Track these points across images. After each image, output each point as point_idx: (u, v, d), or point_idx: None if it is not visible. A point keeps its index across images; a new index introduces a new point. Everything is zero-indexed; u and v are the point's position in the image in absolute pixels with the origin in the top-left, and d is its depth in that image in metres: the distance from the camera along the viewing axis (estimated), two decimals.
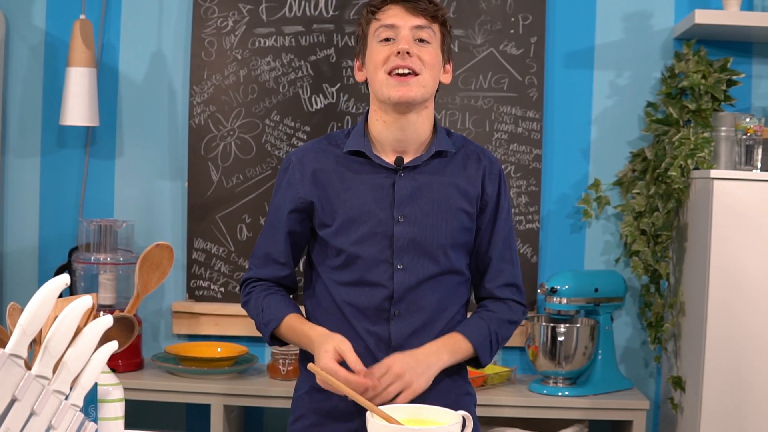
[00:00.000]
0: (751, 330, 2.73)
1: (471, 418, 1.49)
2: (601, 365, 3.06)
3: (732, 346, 2.74)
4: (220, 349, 3.20)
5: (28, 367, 1.23)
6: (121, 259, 3.19)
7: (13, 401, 1.20)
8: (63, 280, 1.24)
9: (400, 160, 1.98)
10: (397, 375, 1.86)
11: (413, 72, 1.91)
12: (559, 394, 2.98)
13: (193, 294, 3.33)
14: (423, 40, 1.94)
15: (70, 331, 1.25)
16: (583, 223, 3.28)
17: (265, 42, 3.28)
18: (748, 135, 2.82)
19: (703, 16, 2.95)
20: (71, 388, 1.28)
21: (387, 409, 1.48)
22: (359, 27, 2.02)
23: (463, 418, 1.47)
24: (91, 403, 1.49)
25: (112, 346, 1.34)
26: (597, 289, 3.04)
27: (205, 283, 3.33)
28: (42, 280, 3.28)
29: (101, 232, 3.18)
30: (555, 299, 2.99)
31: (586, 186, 3.27)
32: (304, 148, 2.07)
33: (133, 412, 2.18)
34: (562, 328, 2.98)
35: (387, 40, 1.94)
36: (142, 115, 3.36)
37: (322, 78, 3.28)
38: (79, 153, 3.37)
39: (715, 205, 2.73)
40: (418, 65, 1.92)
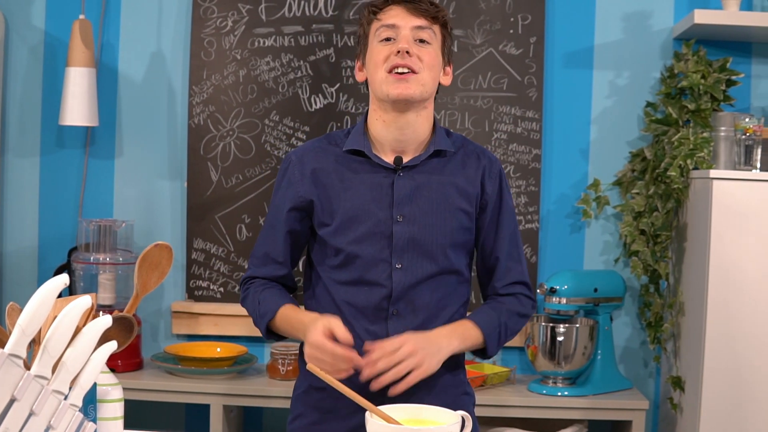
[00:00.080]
0: (750, 330, 2.73)
1: (470, 418, 1.49)
2: (600, 365, 3.06)
3: (731, 345, 2.74)
4: (219, 349, 3.20)
5: (28, 367, 1.23)
6: (121, 259, 3.19)
7: (13, 401, 1.20)
8: (62, 280, 1.24)
9: (399, 159, 1.98)
10: (409, 353, 1.85)
11: (412, 71, 1.91)
12: (559, 394, 2.98)
13: (193, 294, 3.34)
14: (423, 41, 1.94)
15: (69, 331, 1.25)
16: (583, 223, 3.28)
17: (264, 42, 3.28)
18: (748, 135, 2.82)
19: (703, 16, 2.95)
20: (70, 388, 1.28)
21: (386, 409, 1.48)
22: (360, 27, 2.03)
23: (462, 418, 1.47)
24: (90, 403, 1.49)
25: (111, 346, 1.34)
26: (596, 289, 3.04)
27: (204, 283, 3.33)
28: (41, 280, 3.28)
29: (100, 232, 3.18)
30: (554, 299, 2.99)
31: (586, 186, 3.27)
32: (304, 148, 2.07)
33: (132, 412, 2.18)
34: (561, 328, 2.98)
35: (387, 40, 1.94)
36: (142, 115, 3.36)
37: (322, 78, 3.28)
38: (79, 153, 3.37)
39: (714, 205, 2.73)
40: (417, 65, 1.92)
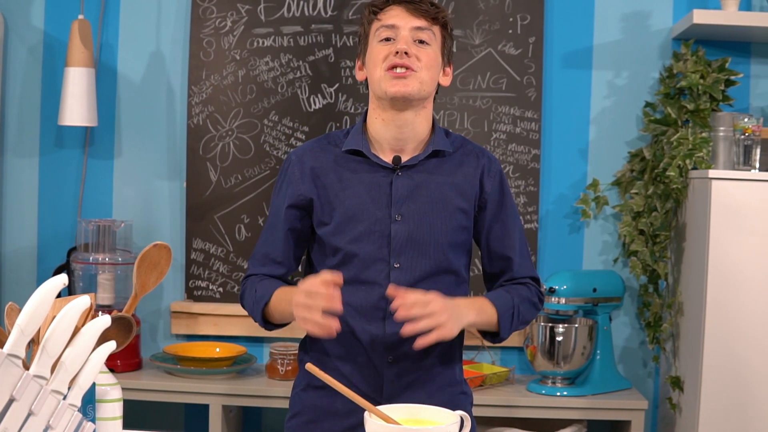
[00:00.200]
0: (749, 329, 2.73)
1: (469, 418, 1.49)
2: (599, 365, 3.06)
3: (730, 345, 2.74)
4: (218, 349, 3.20)
5: (26, 367, 1.23)
6: (120, 259, 3.19)
7: (12, 401, 1.20)
8: (61, 280, 1.24)
9: (397, 159, 1.98)
10: (439, 309, 1.82)
11: (410, 70, 1.92)
12: (558, 394, 2.98)
13: (192, 294, 3.34)
14: (423, 42, 1.94)
15: (68, 331, 1.25)
16: (582, 223, 3.28)
17: (263, 42, 3.28)
18: (747, 135, 2.83)
19: (702, 16, 2.95)
20: (69, 388, 1.28)
21: (385, 408, 1.48)
22: (361, 26, 2.03)
23: (461, 418, 1.47)
24: (89, 403, 1.49)
25: (110, 346, 1.34)
26: (595, 289, 3.04)
27: (203, 284, 3.33)
28: (40, 280, 3.28)
29: (100, 232, 3.19)
30: (553, 299, 2.99)
31: (585, 186, 3.27)
32: (304, 148, 2.07)
33: (131, 412, 2.18)
34: (560, 328, 2.98)
35: (387, 40, 1.94)
36: (141, 116, 3.36)
37: (321, 78, 3.28)
38: (78, 153, 3.37)
39: (713, 205, 2.73)
40: (416, 65, 1.92)
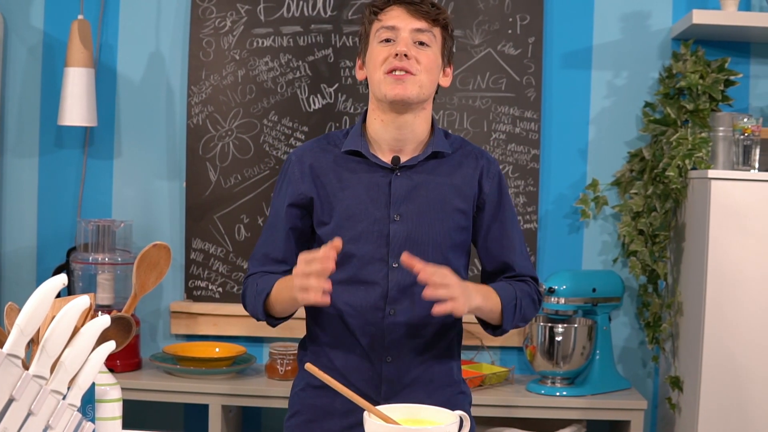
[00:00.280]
0: (748, 329, 2.73)
1: (468, 418, 1.49)
2: (598, 365, 3.07)
3: (729, 345, 2.74)
4: (218, 349, 3.20)
5: (26, 367, 1.23)
6: (119, 259, 3.19)
7: (11, 401, 1.20)
8: (60, 280, 1.24)
9: (396, 159, 1.98)
10: (452, 285, 1.82)
11: (409, 73, 1.92)
12: (557, 394, 2.99)
13: (191, 294, 3.34)
14: (423, 43, 1.94)
15: (67, 331, 1.25)
16: (581, 223, 3.28)
17: (263, 42, 3.29)
18: (746, 135, 2.83)
19: (701, 17, 2.95)
20: (69, 388, 1.28)
21: (384, 409, 1.48)
22: (361, 26, 2.03)
23: (461, 418, 1.47)
24: (88, 402, 1.49)
25: (110, 346, 1.34)
26: (595, 289, 3.04)
27: (203, 284, 3.33)
28: (40, 280, 3.28)
29: (99, 232, 3.19)
30: (553, 299, 2.99)
31: (584, 186, 3.27)
32: (303, 147, 2.07)
33: (131, 412, 2.18)
34: (559, 328, 2.98)
35: (387, 41, 1.94)
36: (140, 116, 3.36)
37: (320, 78, 3.28)
38: (77, 153, 3.37)
39: (712, 205, 2.73)
40: (415, 67, 1.92)
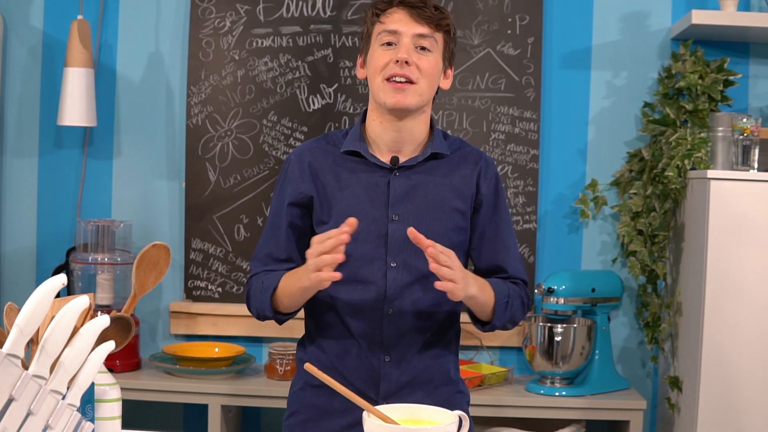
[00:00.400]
0: (747, 330, 2.73)
1: (467, 418, 1.49)
2: (598, 365, 3.07)
3: (728, 345, 2.74)
4: (217, 349, 3.20)
5: (26, 367, 1.23)
6: (119, 259, 3.19)
7: (11, 401, 1.20)
8: (60, 280, 1.24)
9: (395, 159, 1.99)
10: (455, 267, 1.83)
11: (410, 81, 1.92)
12: (556, 394, 2.99)
13: (191, 294, 3.34)
14: (424, 48, 1.94)
15: (67, 331, 1.25)
16: (581, 223, 3.29)
17: (262, 42, 3.29)
18: (745, 135, 2.83)
19: (700, 17, 2.96)
20: (68, 388, 1.28)
21: (383, 408, 1.48)
22: (364, 25, 2.02)
23: (460, 418, 1.47)
24: (88, 402, 1.49)
25: (109, 346, 1.34)
26: (594, 290, 3.04)
27: (202, 284, 3.33)
28: (39, 280, 3.28)
29: (99, 232, 3.19)
30: (552, 299, 2.99)
31: (583, 186, 3.27)
32: (303, 147, 2.08)
33: (130, 412, 2.18)
34: (559, 328, 2.99)
35: (389, 45, 1.94)
36: (140, 116, 3.36)
37: (320, 78, 3.28)
38: (77, 153, 3.37)
39: (711, 206, 2.73)
40: (415, 74, 1.92)
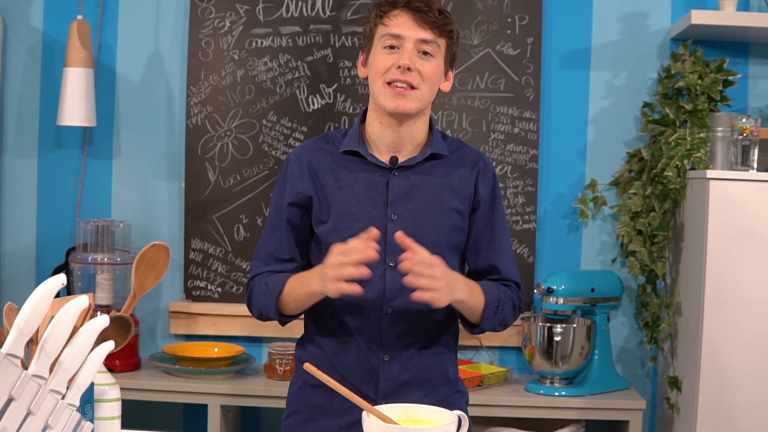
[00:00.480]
0: (746, 330, 2.73)
1: (467, 417, 1.49)
2: (597, 365, 3.07)
3: (728, 345, 2.74)
4: (217, 349, 3.20)
5: (25, 367, 1.23)
6: (119, 259, 3.19)
7: (10, 401, 1.20)
8: (59, 280, 1.24)
9: (394, 159, 1.99)
10: (439, 276, 1.84)
11: (411, 86, 1.92)
12: (556, 394, 2.99)
13: (190, 294, 3.34)
14: (427, 53, 1.94)
15: (66, 330, 1.25)
16: (580, 223, 3.29)
17: (262, 42, 3.29)
18: (745, 135, 2.83)
19: (700, 17, 2.96)
20: (68, 388, 1.28)
21: (382, 408, 1.48)
22: (367, 24, 2.01)
23: (459, 417, 1.47)
24: (87, 402, 1.49)
25: (109, 346, 1.34)
26: (593, 290, 3.04)
27: (202, 284, 3.33)
28: (39, 280, 3.28)
29: (98, 232, 3.19)
30: (551, 299, 2.99)
31: (583, 186, 3.27)
32: (302, 147, 2.08)
33: (130, 412, 2.18)
34: (558, 328, 2.99)
35: (391, 48, 1.94)
36: (140, 116, 3.36)
37: (319, 78, 3.28)
38: (77, 153, 3.37)
39: (711, 206, 2.73)
40: (416, 80, 1.92)
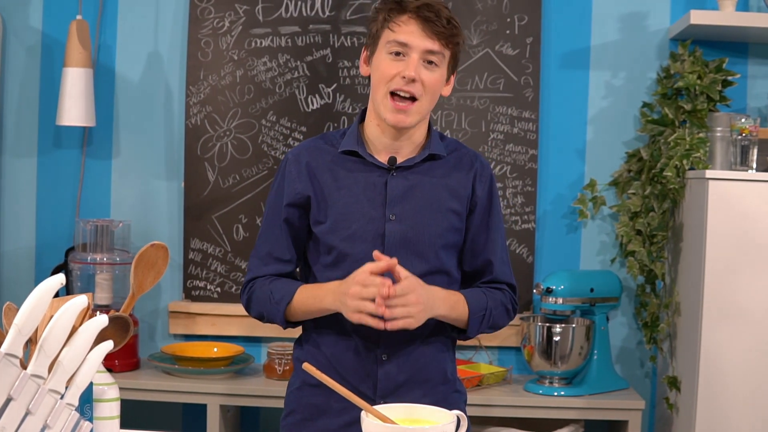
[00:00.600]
0: (745, 330, 2.73)
1: (465, 417, 1.49)
2: (596, 365, 3.07)
3: (727, 345, 2.74)
4: (216, 349, 3.20)
5: (24, 367, 1.23)
6: (118, 259, 3.19)
7: (9, 400, 1.20)
8: (58, 280, 1.24)
9: (393, 159, 1.99)
10: (413, 302, 1.85)
11: (413, 97, 1.92)
12: (555, 394, 2.99)
13: (190, 294, 3.34)
14: (432, 62, 1.94)
15: (65, 330, 1.25)
16: (579, 223, 3.29)
17: (261, 42, 3.29)
18: (744, 135, 2.83)
19: (699, 17, 2.96)
20: (66, 388, 1.28)
21: (381, 408, 1.48)
22: (373, 23, 1.99)
23: (458, 417, 1.47)
24: (86, 402, 1.49)
25: (107, 346, 1.34)
26: (593, 289, 3.04)
27: (201, 283, 3.33)
28: (38, 280, 3.28)
29: (98, 232, 3.19)
30: (551, 299, 3.00)
31: (582, 186, 3.27)
32: (300, 147, 2.08)
33: (129, 412, 2.18)
34: (557, 328, 2.99)
35: (397, 54, 1.93)
36: (139, 116, 3.36)
37: (319, 78, 3.28)
38: (76, 153, 3.37)
39: (710, 206, 2.74)
40: (419, 91, 1.92)
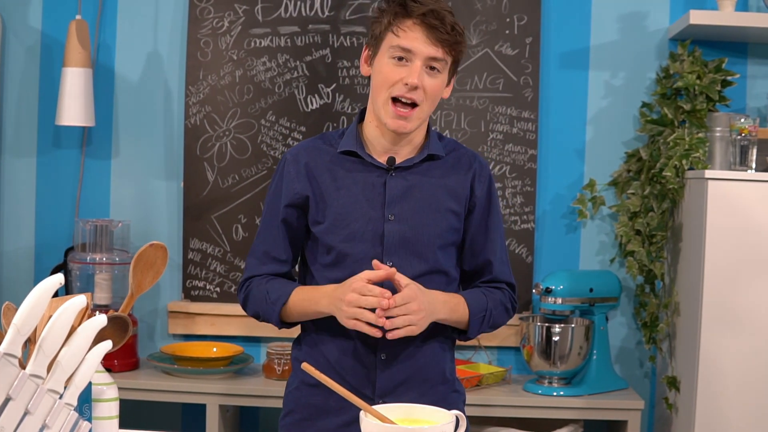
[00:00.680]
0: (745, 330, 2.74)
1: (464, 417, 1.49)
2: (596, 365, 3.07)
3: (726, 346, 2.74)
4: (215, 349, 3.20)
5: (23, 367, 1.23)
6: (117, 259, 3.19)
7: (8, 400, 1.20)
8: (57, 280, 1.24)
9: (392, 160, 1.99)
10: (414, 311, 1.87)
11: (414, 103, 1.92)
12: (554, 394, 2.99)
13: (189, 294, 3.34)
14: (434, 68, 1.94)
15: (64, 330, 1.25)
16: (578, 223, 3.29)
17: (260, 42, 3.29)
18: (743, 135, 2.83)
19: (698, 17, 2.96)
20: (65, 388, 1.28)
21: (380, 408, 1.48)
22: (376, 24, 1.98)
23: (457, 417, 1.47)
24: (85, 402, 1.49)
25: (106, 346, 1.34)
26: (592, 289, 3.04)
27: (200, 283, 3.33)
28: (38, 280, 3.27)
29: (97, 232, 3.19)
30: (550, 299, 3.00)
31: (581, 186, 3.27)
32: (299, 147, 2.08)
33: (128, 412, 2.18)
34: (557, 328, 2.99)
35: (400, 59, 1.93)
36: (138, 116, 3.36)
37: (318, 78, 3.28)
38: (75, 153, 3.37)
39: (709, 206, 2.74)
40: (420, 97, 1.93)
